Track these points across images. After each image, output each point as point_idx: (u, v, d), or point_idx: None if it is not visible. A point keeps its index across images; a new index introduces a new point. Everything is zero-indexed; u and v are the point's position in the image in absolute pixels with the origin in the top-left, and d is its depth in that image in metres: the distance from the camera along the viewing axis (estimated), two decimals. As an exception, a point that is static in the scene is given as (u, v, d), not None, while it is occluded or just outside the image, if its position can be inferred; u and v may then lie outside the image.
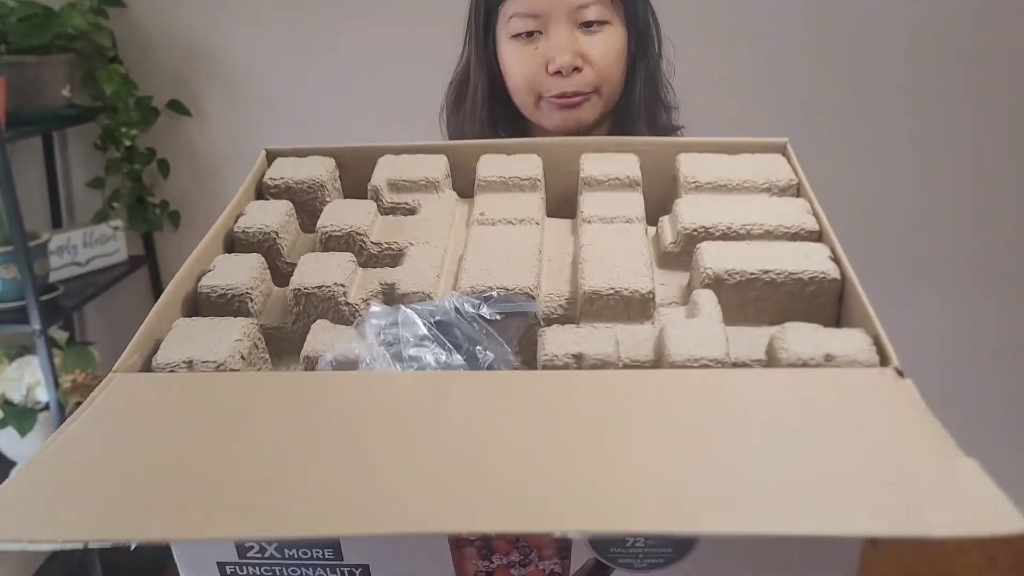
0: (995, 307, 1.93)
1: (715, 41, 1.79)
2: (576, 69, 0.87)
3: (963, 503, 0.32)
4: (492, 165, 0.65)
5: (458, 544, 0.42)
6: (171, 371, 0.46)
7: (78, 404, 1.75)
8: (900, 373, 0.42)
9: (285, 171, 0.65)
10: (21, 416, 1.71)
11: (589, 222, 0.60)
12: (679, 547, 0.41)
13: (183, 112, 1.91)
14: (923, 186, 1.86)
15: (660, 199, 0.65)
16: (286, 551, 0.42)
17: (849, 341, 0.45)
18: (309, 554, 0.42)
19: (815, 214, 0.57)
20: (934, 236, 1.89)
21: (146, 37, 1.87)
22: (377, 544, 0.41)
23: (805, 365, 0.44)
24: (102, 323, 2.09)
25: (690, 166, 0.63)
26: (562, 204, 0.67)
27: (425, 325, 0.49)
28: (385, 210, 0.64)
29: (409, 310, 0.49)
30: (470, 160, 0.66)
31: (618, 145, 0.68)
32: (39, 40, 1.66)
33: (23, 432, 1.71)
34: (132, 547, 0.32)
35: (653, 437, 0.38)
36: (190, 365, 0.46)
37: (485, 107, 0.94)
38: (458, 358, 0.48)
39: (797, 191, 0.61)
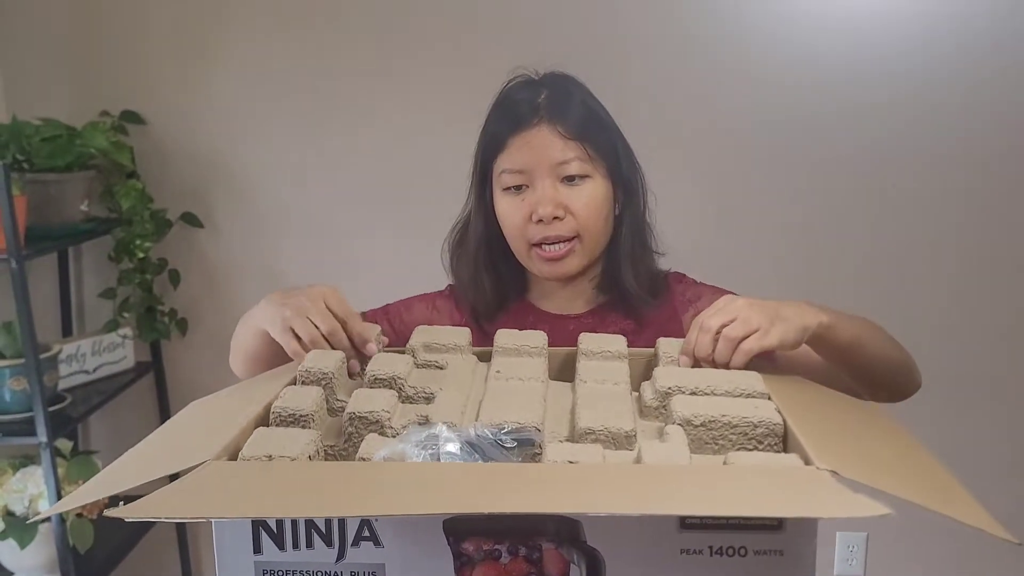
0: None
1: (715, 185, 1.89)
2: (557, 218, 1.02)
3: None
4: (507, 337, 0.87)
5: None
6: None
7: (79, 516, 1.78)
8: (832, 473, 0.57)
9: None
10: (22, 528, 1.76)
11: (584, 382, 0.79)
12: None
13: (196, 224, 2.02)
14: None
15: (643, 375, 0.86)
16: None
17: (786, 460, 0.63)
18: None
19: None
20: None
21: (164, 152, 2.01)
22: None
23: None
24: (106, 430, 2.17)
25: (667, 345, 0.85)
26: (562, 372, 0.90)
27: (456, 438, 0.66)
28: (419, 365, 0.85)
29: (444, 426, 0.68)
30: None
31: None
32: (62, 161, 1.79)
33: (23, 544, 1.76)
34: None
35: (631, 476, 0.59)
36: (270, 459, 0.63)
37: (482, 251, 1.11)
38: (482, 462, 0.66)
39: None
